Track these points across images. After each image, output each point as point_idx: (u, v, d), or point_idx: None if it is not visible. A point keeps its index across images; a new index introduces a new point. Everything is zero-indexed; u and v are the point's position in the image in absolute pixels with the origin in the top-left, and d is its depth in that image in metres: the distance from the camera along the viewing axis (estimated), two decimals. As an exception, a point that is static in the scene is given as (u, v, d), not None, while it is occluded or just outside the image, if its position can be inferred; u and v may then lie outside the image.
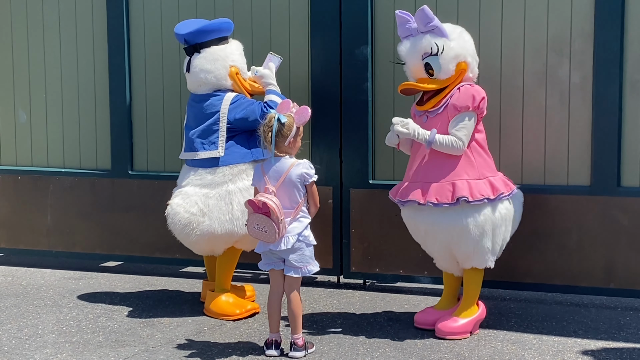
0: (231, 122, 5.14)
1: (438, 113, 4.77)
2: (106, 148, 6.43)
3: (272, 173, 4.50)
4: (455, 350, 4.59)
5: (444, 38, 4.73)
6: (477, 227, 4.67)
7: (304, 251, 4.51)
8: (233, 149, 5.17)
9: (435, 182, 4.71)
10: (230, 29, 5.37)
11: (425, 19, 4.72)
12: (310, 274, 4.54)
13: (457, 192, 4.65)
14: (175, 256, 6.22)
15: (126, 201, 6.39)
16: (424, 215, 4.75)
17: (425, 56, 4.76)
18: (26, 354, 4.59)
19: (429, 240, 4.85)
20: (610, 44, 5.20)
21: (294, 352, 4.50)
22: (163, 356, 4.54)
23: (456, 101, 4.72)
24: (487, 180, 4.76)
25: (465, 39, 4.84)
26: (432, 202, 4.66)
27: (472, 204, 4.64)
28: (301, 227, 4.50)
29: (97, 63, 6.41)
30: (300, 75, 5.89)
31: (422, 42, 4.75)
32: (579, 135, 5.33)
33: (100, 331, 4.99)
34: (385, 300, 5.62)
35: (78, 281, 6.20)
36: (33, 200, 6.64)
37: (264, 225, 4.38)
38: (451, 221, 4.68)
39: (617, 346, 4.67)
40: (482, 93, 4.78)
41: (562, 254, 5.40)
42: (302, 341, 4.53)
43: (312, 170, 4.51)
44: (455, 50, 4.74)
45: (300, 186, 4.49)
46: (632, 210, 5.24)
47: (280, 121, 4.44)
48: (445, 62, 4.73)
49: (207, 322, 5.14)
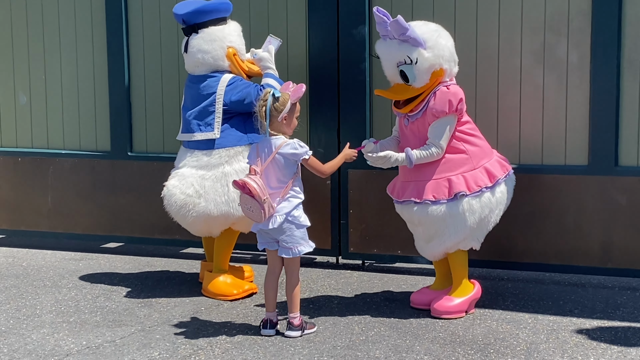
0: (227, 104, 5.15)
1: (417, 117, 4.75)
2: (106, 129, 6.45)
3: (264, 152, 4.51)
4: (449, 330, 4.61)
5: (418, 48, 4.63)
6: (472, 215, 4.70)
7: (294, 232, 4.52)
8: (229, 132, 5.18)
9: (430, 180, 4.72)
10: (228, 10, 5.36)
11: (399, 29, 4.61)
12: (302, 255, 4.55)
13: (453, 187, 4.67)
14: (175, 237, 6.25)
15: (126, 182, 6.42)
16: (423, 212, 4.75)
17: (400, 64, 4.70)
18: (23, 334, 4.63)
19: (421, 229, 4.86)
20: (608, 23, 5.18)
21: (289, 332, 4.53)
22: (159, 335, 4.57)
23: (434, 107, 4.67)
24: (484, 168, 4.76)
25: (441, 45, 4.69)
26: (430, 200, 4.68)
27: (469, 196, 4.67)
28: (290, 206, 4.50)
29: (96, 45, 6.41)
30: (298, 56, 5.89)
31: (397, 51, 4.67)
32: (577, 115, 5.33)
33: (98, 311, 5.03)
34: (383, 280, 5.64)
35: (78, 262, 6.24)
36: (33, 182, 6.67)
37: (251, 205, 4.41)
38: (449, 214, 4.70)
39: (612, 325, 4.68)
40: (458, 95, 4.72)
41: (560, 233, 5.41)
42: (298, 321, 4.55)
43: (301, 149, 4.48)
44: (430, 60, 4.64)
45: (290, 165, 4.49)
46: (630, 189, 5.25)
47: (274, 96, 4.46)
48: (420, 72, 4.66)
49: (204, 303, 5.17)
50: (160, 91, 6.28)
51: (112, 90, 6.37)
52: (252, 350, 4.35)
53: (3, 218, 6.81)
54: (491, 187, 4.75)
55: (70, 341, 4.50)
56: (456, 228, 4.73)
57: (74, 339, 4.53)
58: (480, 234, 4.84)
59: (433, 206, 4.71)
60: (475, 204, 4.71)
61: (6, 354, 4.32)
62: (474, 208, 4.71)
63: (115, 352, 4.34)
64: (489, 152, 4.87)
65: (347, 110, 5.79)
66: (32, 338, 4.56)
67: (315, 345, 4.40)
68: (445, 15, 5.45)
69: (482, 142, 4.86)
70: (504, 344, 4.39)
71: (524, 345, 4.37)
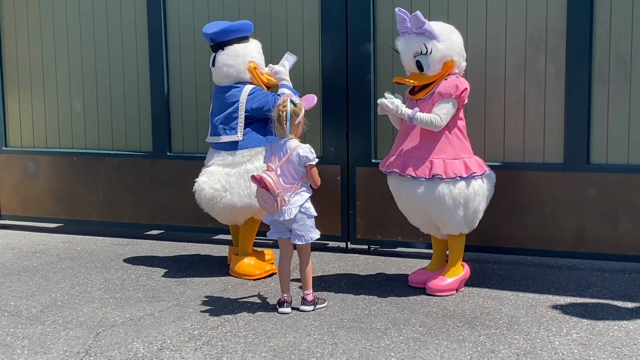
0: (248, 110, 5.16)
1: (425, 100, 4.77)
2: (148, 133, 6.48)
3: (278, 152, 4.53)
4: (442, 305, 4.60)
5: (433, 40, 4.70)
6: (451, 199, 4.67)
7: (305, 221, 4.52)
8: (250, 134, 5.19)
9: (416, 158, 4.71)
10: (250, 30, 5.37)
11: (417, 23, 4.70)
12: (312, 241, 4.55)
13: (433, 169, 4.66)
14: (206, 226, 6.27)
15: (165, 179, 6.44)
16: (406, 186, 4.75)
17: (416, 55, 4.75)
18: (76, 308, 4.67)
19: (410, 209, 4.85)
20: (581, 39, 5.15)
21: (303, 306, 4.54)
22: (192, 309, 4.60)
23: (442, 89, 4.71)
24: (462, 161, 4.73)
25: (453, 40, 4.78)
26: (411, 175, 4.67)
27: (445, 180, 4.65)
28: (302, 200, 4.51)
29: (140, 59, 6.44)
30: (312, 70, 5.89)
31: (414, 43, 4.74)
32: (553, 120, 5.30)
33: (140, 289, 5.06)
34: (385, 263, 5.63)
35: (124, 247, 6.27)
36: (86, 178, 6.71)
37: (265, 198, 4.42)
38: (428, 193, 4.68)
39: (583, 302, 4.66)
40: (465, 84, 4.76)
41: (539, 222, 5.38)
42: (311, 297, 4.56)
43: (312, 155, 4.50)
44: (442, 51, 4.70)
45: (301, 166, 4.50)
46: (600, 184, 5.21)
47: (292, 102, 4.47)
48: (433, 61, 4.71)
49: (231, 281, 5.19)
50: (194, 100, 6.30)
51: (154, 99, 6.40)
52: (271, 322, 4.36)
53: (61, 209, 6.86)
54: (465, 179, 4.71)
55: (116, 314, 4.54)
56: (439, 208, 4.68)
57: (119, 312, 4.57)
58: (465, 220, 4.79)
59: (413, 181, 4.70)
60: (450, 189, 4.66)
61: (61, 325, 4.36)
62: (452, 193, 4.65)
63: (154, 323, 4.37)
64: (469, 151, 4.84)
65: (354, 116, 5.79)
66: (83, 311, 4.60)
67: (325, 318, 4.41)
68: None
69: (467, 142, 4.84)
70: (489, 317, 4.38)
71: (506, 318, 4.36)
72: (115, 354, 3.93)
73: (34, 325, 4.35)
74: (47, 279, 5.31)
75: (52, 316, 4.51)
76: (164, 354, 3.92)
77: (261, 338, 4.11)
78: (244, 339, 4.11)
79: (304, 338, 4.10)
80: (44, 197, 6.88)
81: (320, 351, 3.92)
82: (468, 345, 3.97)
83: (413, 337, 4.09)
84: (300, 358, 3.84)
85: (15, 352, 3.97)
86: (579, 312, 4.44)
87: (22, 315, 4.53)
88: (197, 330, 4.24)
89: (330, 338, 4.10)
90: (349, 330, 4.21)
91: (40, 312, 4.59)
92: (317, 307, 4.57)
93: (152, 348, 3.99)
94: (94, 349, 3.99)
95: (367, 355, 3.85)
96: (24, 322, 4.41)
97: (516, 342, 4.00)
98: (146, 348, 3.99)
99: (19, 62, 6.89)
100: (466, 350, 3.90)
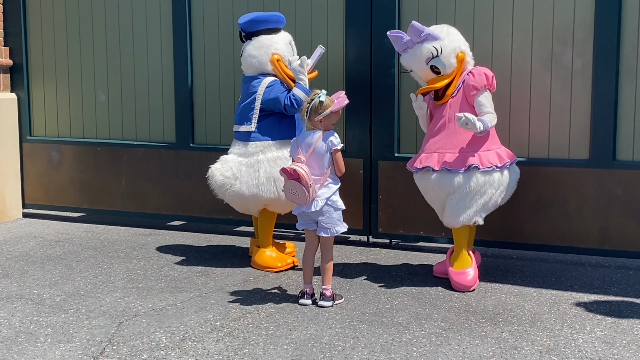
0: (263, 103, 5.16)
1: (455, 97, 4.77)
2: (171, 124, 6.49)
3: (303, 145, 4.52)
4: (464, 301, 4.57)
5: (437, 40, 4.73)
6: (476, 184, 4.67)
7: (332, 214, 4.51)
8: (264, 127, 5.18)
9: (450, 152, 4.71)
10: (279, 21, 5.34)
11: (417, 32, 4.73)
12: (338, 234, 4.54)
13: (469, 161, 4.66)
14: (229, 217, 6.27)
15: (188, 170, 6.45)
16: (437, 176, 4.73)
17: (429, 60, 4.75)
18: (99, 297, 4.69)
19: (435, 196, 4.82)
20: (609, 34, 5.08)
21: (322, 302, 4.53)
22: (213, 300, 4.60)
23: (474, 82, 4.73)
24: (495, 152, 4.74)
25: (452, 34, 4.82)
26: (447, 168, 4.67)
27: (481, 170, 4.63)
28: (329, 192, 4.50)
29: (164, 51, 6.45)
30: (337, 63, 5.87)
31: (422, 51, 4.75)
32: (579, 115, 5.24)
33: (163, 279, 5.07)
34: (407, 257, 5.61)
35: (147, 237, 6.30)
36: (110, 168, 6.74)
37: (297, 190, 4.40)
38: (460, 182, 4.67)
39: (607, 299, 4.61)
40: (490, 72, 4.81)
41: (563, 219, 5.33)
42: (329, 292, 4.54)
43: (337, 139, 4.49)
44: (451, 46, 4.74)
45: (328, 154, 4.48)
46: (626, 181, 5.15)
47: (320, 99, 4.46)
48: (447, 59, 4.74)
49: (252, 273, 5.19)
50: (218, 91, 6.30)
51: (177, 90, 6.41)
52: (292, 314, 4.36)
53: (85, 199, 6.89)
54: (500, 168, 4.71)
55: (139, 304, 4.55)
56: (461, 195, 4.69)
57: (142, 302, 4.58)
58: (483, 209, 4.76)
59: (449, 174, 4.68)
60: (482, 178, 4.67)
61: (84, 314, 4.39)
62: (479, 180, 4.66)
63: (176, 313, 4.38)
64: (498, 142, 4.86)
65: (378, 109, 5.76)
66: (106, 300, 4.62)
67: (346, 312, 4.40)
68: (465, 24, 5.38)
69: (494, 133, 4.85)
70: (512, 313, 4.35)
71: (529, 315, 4.32)
72: (138, 343, 3.94)
73: (57, 314, 4.38)
74: (71, 267, 5.35)
75: (75, 305, 4.53)
76: (186, 344, 3.93)
77: (283, 330, 4.11)
78: (265, 330, 4.11)
79: (326, 331, 4.09)
80: (68, 187, 6.92)
81: (341, 344, 3.91)
82: (490, 341, 3.94)
83: (435, 332, 4.07)
84: (321, 351, 3.83)
85: (39, 340, 4.00)
86: (602, 310, 4.40)
87: (45, 304, 4.56)
88: (219, 321, 4.25)
89: (352, 332, 4.08)
90: (371, 324, 4.19)
91: (64, 300, 4.62)
92: (335, 302, 4.56)
93: (174, 338, 4.00)
94: (117, 338, 4.01)
95: (388, 350, 3.84)
96: (47, 311, 4.44)
97: (539, 339, 3.96)
98: (168, 338, 4.01)
99: (44, 52, 6.92)
100: (489, 346, 3.87)
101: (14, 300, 4.62)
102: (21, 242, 6.10)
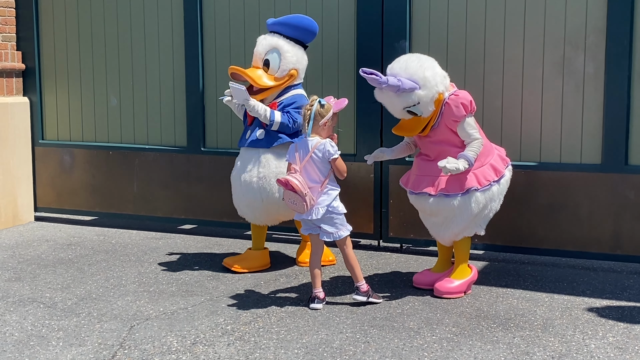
0: None
1: (435, 128, 4.63)
2: (183, 128, 6.51)
3: (302, 151, 4.53)
4: (475, 306, 4.56)
5: (415, 91, 4.47)
6: (478, 206, 4.61)
7: (334, 219, 4.52)
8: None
9: (444, 176, 4.60)
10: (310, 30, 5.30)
11: (393, 88, 4.45)
12: (341, 238, 4.55)
13: (467, 184, 4.57)
14: (239, 221, 6.25)
15: (199, 174, 6.46)
16: (435, 201, 4.65)
17: (406, 108, 4.57)
18: (110, 300, 4.70)
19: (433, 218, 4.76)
20: (621, 39, 5.06)
21: (356, 296, 4.56)
22: (224, 304, 4.60)
23: (453, 116, 4.56)
24: (490, 165, 4.67)
25: (429, 78, 4.48)
26: (444, 194, 4.59)
27: (480, 190, 4.59)
28: (329, 199, 4.50)
29: (176, 55, 6.46)
30: (348, 67, 5.86)
31: (398, 99, 4.52)
32: (592, 120, 5.22)
33: (174, 282, 5.08)
34: (418, 261, 5.59)
35: (158, 241, 6.31)
36: (122, 172, 6.76)
37: (294, 199, 4.42)
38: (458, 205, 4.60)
39: (619, 305, 4.58)
40: (468, 97, 4.60)
41: (575, 223, 5.31)
42: (365, 287, 4.55)
43: (333, 148, 4.47)
44: (429, 95, 4.49)
45: (326, 162, 4.48)
46: (638, 185, 5.13)
47: (320, 103, 4.47)
48: (425, 106, 4.53)
49: (263, 277, 5.19)
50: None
51: (189, 95, 6.42)
52: (303, 319, 4.35)
53: (96, 202, 6.91)
54: (497, 181, 4.67)
55: (150, 307, 4.56)
56: (463, 217, 4.62)
57: (153, 306, 4.59)
58: (483, 221, 4.74)
59: (446, 199, 4.61)
60: (481, 196, 4.62)
61: (95, 317, 4.39)
62: (479, 200, 4.61)
63: (187, 317, 4.38)
64: (491, 149, 4.76)
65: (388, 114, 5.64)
66: (117, 304, 4.63)
67: (357, 317, 4.39)
68: (476, 29, 5.38)
69: (485, 142, 4.73)
70: (523, 319, 4.33)
71: (541, 320, 4.30)
72: (149, 347, 3.95)
73: (68, 317, 4.39)
74: (82, 271, 5.36)
75: (87, 308, 4.54)
76: (198, 348, 3.93)
77: (293, 334, 4.11)
78: (276, 335, 4.10)
79: (337, 336, 4.09)
80: (80, 190, 6.94)
81: (352, 349, 3.90)
82: (502, 346, 3.92)
83: (446, 337, 4.05)
84: (332, 356, 3.82)
85: (51, 343, 4.01)
86: (615, 315, 4.37)
87: (57, 307, 4.57)
88: (229, 325, 4.25)
89: (363, 336, 4.08)
90: (382, 329, 4.18)
91: (75, 304, 4.63)
92: (370, 299, 4.55)
93: (185, 342, 4.00)
94: (128, 342, 4.01)
95: (399, 355, 3.83)
96: (59, 314, 4.45)
97: (551, 345, 3.94)
98: (180, 342, 4.01)
99: (56, 56, 6.95)
100: (500, 351, 3.86)
101: (26, 304, 4.64)
102: (33, 246, 6.13)
